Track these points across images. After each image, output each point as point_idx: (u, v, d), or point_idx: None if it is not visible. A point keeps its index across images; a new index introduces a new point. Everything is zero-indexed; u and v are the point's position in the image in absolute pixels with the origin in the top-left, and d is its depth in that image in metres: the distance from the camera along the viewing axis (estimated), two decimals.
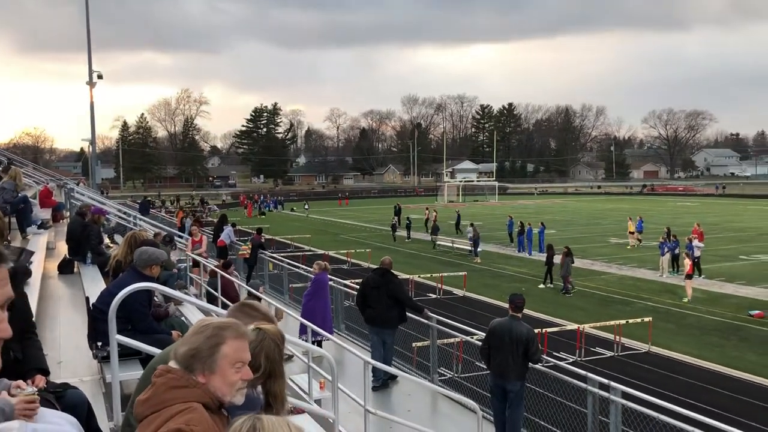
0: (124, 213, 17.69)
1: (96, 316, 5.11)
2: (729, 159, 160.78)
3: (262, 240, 21.61)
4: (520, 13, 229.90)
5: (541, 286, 24.37)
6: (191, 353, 2.12)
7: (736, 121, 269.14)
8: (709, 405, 11.71)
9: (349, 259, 30.25)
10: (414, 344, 12.17)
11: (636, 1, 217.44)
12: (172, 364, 2.19)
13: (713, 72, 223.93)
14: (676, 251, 26.48)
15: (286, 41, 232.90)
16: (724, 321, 18.94)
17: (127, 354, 4.76)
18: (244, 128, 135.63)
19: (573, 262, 23.64)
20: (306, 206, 69.63)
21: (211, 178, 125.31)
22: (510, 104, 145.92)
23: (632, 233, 35.60)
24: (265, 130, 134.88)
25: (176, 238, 16.29)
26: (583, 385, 7.53)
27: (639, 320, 17.14)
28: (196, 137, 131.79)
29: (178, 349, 2.18)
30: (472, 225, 33.68)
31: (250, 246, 19.85)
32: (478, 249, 32.01)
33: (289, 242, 37.20)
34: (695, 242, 25.70)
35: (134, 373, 4.63)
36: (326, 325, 10.63)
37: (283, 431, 1.82)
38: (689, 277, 21.83)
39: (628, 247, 34.65)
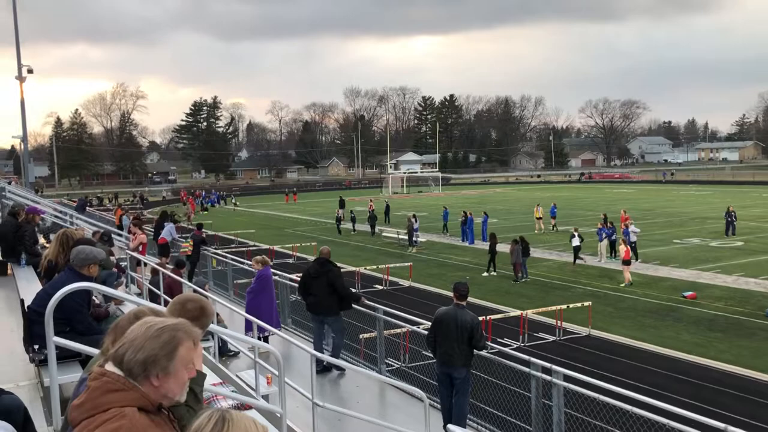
0: (60, 212, 17.15)
1: (32, 318, 4.96)
2: (662, 146, 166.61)
3: (204, 236, 21.26)
4: (460, 4, 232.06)
5: (485, 274, 24.78)
6: (149, 360, 2.01)
7: (669, 110, 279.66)
8: (648, 384, 12.16)
9: (294, 253, 30.07)
10: (361, 336, 12.22)
11: None
12: (109, 366, 2.09)
13: (647, 62, 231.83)
14: (613, 237, 27.32)
15: (225, 33, 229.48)
16: (659, 303, 19.65)
17: (66, 356, 4.64)
18: (183, 123, 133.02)
19: (527, 253, 24.05)
20: (234, 201, 68.95)
21: (150, 175, 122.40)
22: (451, 96, 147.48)
23: (539, 218, 37.37)
24: (205, 124, 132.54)
25: (114, 236, 15.90)
26: (527, 369, 7.71)
27: (579, 305, 17.61)
28: (134, 133, 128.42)
29: (126, 353, 2.04)
30: (414, 216, 33.92)
31: (192, 243, 19.48)
32: (415, 239, 32.29)
33: (232, 238, 36.74)
34: (631, 227, 26.58)
35: (74, 375, 4.52)
36: (273, 320, 10.59)
37: (251, 428, 1.82)
38: (626, 263, 22.47)
39: (535, 231, 36.00)
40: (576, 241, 26.52)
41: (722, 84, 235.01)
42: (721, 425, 5.60)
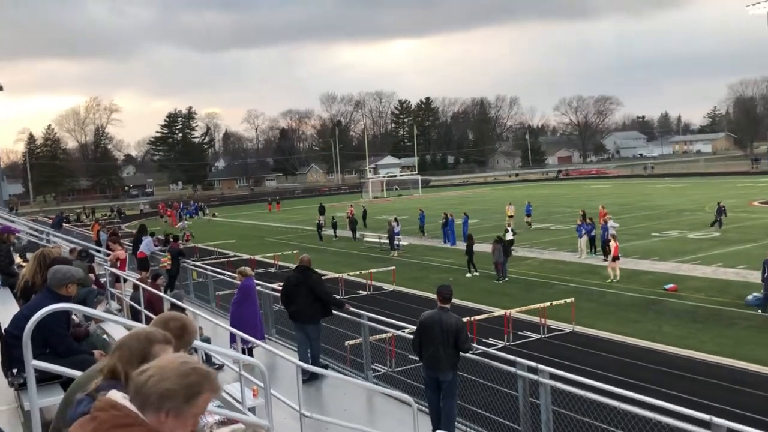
0: (36, 230, 16.90)
1: (9, 341, 4.86)
2: (637, 141, 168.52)
3: (181, 247, 21.06)
4: (433, 7, 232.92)
5: (468, 275, 24.84)
6: (169, 394, 1.95)
7: (642, 105, 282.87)
8: (633, 378, 12.25)
9: (276, 262, 29.93)
10: (347, 343, 12.17)
11: None
12: (116, 395, 2.01)
13: (618, 58, 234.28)
14: (593, 233, 27.55)
15: (198, 44, 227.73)
16: (641, 297, 19.83)
17: (46, 379, 4.55)
18: (158, 134, 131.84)
19: (509, 253, 24.12)
20: (210, 213, 68.63)
21: (127, 188, 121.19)
22: (427, 98, 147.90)
23: (511, 217, 37.76)
24: (180, 135, 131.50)
25: (93, 252, 15.69)
26: (513, 369, 7.72)
27: (562, 302, 17.71)
28: (109, 146, 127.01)
29: (150, 379, 1.97)
30: (396, 220, 33.96)
31: (170, 256, 19.25)
32: (397, 243, 32.30)
33: (212, 249, 36.46)
34: (610, 222, 26.81)
35: (55, 398, 4.43)
36: (257, 331, 10.51)
37: None
38: (615, 259, 22.57)
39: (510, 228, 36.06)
40: (509, 236, 27.51)
41: (693, 77, 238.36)
42: (705, 417, 5.64)
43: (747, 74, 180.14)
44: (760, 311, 17.01)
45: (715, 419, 5.50)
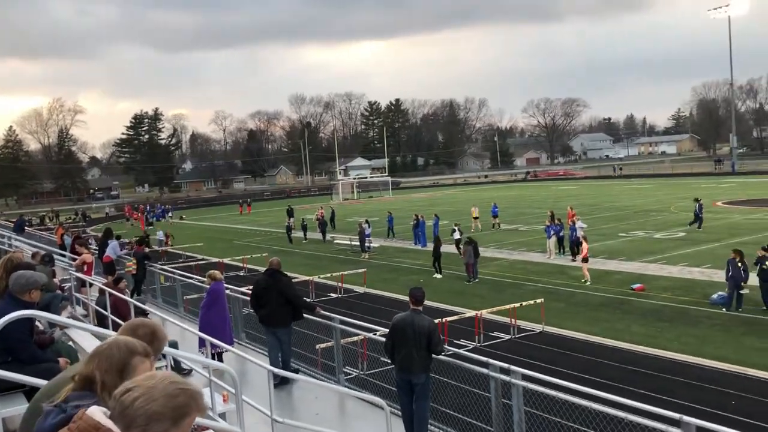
0: None
1: None
2: (603, 142, 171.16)
3: (146, 251, 20.71)
4: (403, 9, 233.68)
5: (438, 276, 24.89)
6: (156, 416, 1.87)
7: (608, 106, 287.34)
8: (603, 378, 12.38)
9: (245, 265, 29.66)
10: (318, 346, 12.09)
11: None
12: (96, 413, 1.90)
13: (585, 60, 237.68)
14: (561, 234, 27.84)
15: (164, 44, 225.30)
16: (609, 296, 20.08)
17: (8, 388, 4.42)
18: (124, 136, 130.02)
19: (478, 254, 24.18)
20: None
21: (92, 191, 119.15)
22: (397, 100, 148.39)
23: (476, 218, 38.57)
24: (147, 136, 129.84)
25: (57, 256, 15.37)
26: (485, 371, 7.73)
27: (532, 302, 17.83)
28: (73, 148, 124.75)
29: (138, 400, 1.88)
30: (366, 222, 33.94)
31: (135, 260, 18.88)
32: (368, 245, 32.25)
33: (180, 252, 36.03)
34: (578, 223, 27.11)
35: (18, 407, 4.30)
36: (226, 335, 10.37)
37: None
38: (585, 260, 22.67)
39: (472, 231, 36.60)
40: (456, 235, 28.84)
41: (658, 79, 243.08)
42: (675, 415, 5.70)
43: (710, 77, 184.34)
44: (724, 310, 17.34)
45: (686, 418, 5.56)
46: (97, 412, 1.94)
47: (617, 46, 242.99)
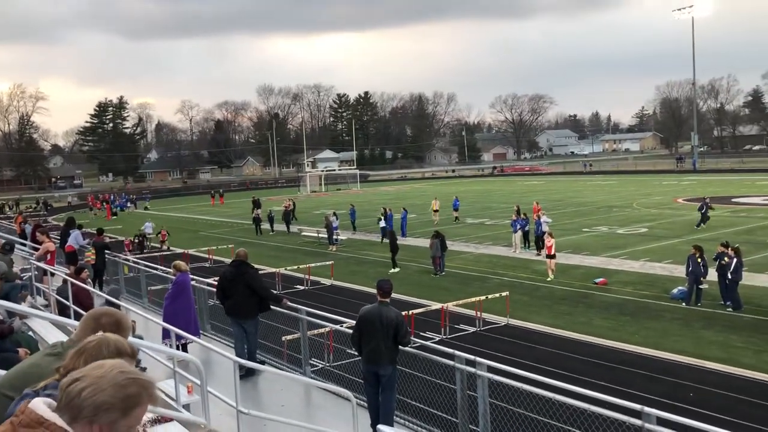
0: None
1: None
2: (568, 139, 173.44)
3: (106, 241, 20.34)
4: (373, 2, 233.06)
5: (397, 269, 24.75)
6: (105, 407, 1.80)
7: (574, 103, 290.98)
8: (566, 370, 12.56)
9: (210, 257, 29.37)
10: (284, 338, 12.04)
11: None
12: (40, 407, 1.83)
13: (552, 57, 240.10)
14: (527, 228, 28.15)
15: (131, 31, 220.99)
16: (572, 290, 20.37)
17: None
18: (88, 124, 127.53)
19: (445, 247, 24.23)
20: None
21: (54, 179, 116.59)
22: (366, 93, 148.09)
23: (436, 211, 39.32)
24: (111, 125, 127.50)
25: (18, 245, 15.03)
26: (451, 362, 7.78)
27: (497, 295, 17.98)
28: (34, 136, 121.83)
29: (85, 390, 1.81)
30: (334, 214, 33.86)
31: (94, 250, 18.52)
32: (335, 238, 32.18)
33: (145, 242, 35.50)
34: (543, 218, 27.43)
35: None
36: (191, 327, 10.27)
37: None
38: (550, 256, 22.41)
39: (434, 220, 37.92)
40: (381, 223, 31.28)
41: (623, 78, 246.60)
42: (637, 407, 5.82)
43: (673, 76, 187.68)
44: (684, 304, 17.73)
45: (647, 409, 5.68)
46: (41, 405, 1.87)
47: (584, 44, 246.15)
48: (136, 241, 31.52)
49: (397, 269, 24.81)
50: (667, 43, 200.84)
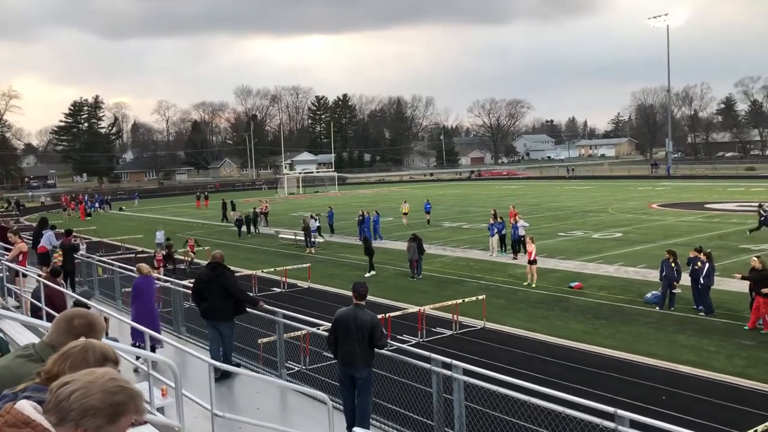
0: None
1: None
2: (545, 144, 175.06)
3: (73, 242, 20.04)
4: (353, 4, 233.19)
5: (372, 273, 24.74)
6: (92, 411, 1.81)
7: (551, 109, 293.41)
8: (541, 373, 12.66)
9: (186, 259, 29.10)
10: (260, 340, 11.97)
11: None
12: (26, 407, 1.83)
13: (530, 63, 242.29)
14: (503, 232, 28.32)
15: (108, 30, 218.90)
16: (548, 294, 20.52)
17: None
18: (62, 124, 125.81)
19: (423, 250, 24.25)
20: (136, 203, 66.27)
21: (27, 179, 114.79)
22: (345, 95, 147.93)
23: (405, 214, 39.97)
24: (86, 125, 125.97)
25: None
26: (427, 366, 7.80)
27: (474, 298, 18.05)
28: (7, 135, 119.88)
29: (74, 393, 1.82)
30: (312, 216, 33.79)
31: (62, 252, 18.20)
32: (313, 240, 32.08)
33: (119, 243, 35.12)
34: (520, 222, 27.62)
35: None
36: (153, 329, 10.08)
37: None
38: (532, 262, 22.02)
39: (405, 224, 38.69)
40: (315, 223, 33.17)
41: (600, 84, 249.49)
42: (610, 409, 5.88)
43: (648, 83, 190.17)
44: (657, 308, 17.95)
45: (620, 411, 5.74)
46: (27, 406, 1.87)
47: (561, 50, 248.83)
48: (164, 253, 27.80)
49: (373, 272, 24.81)
50: (642, 50, 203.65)
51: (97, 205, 66.54)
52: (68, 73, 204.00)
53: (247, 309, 10.54)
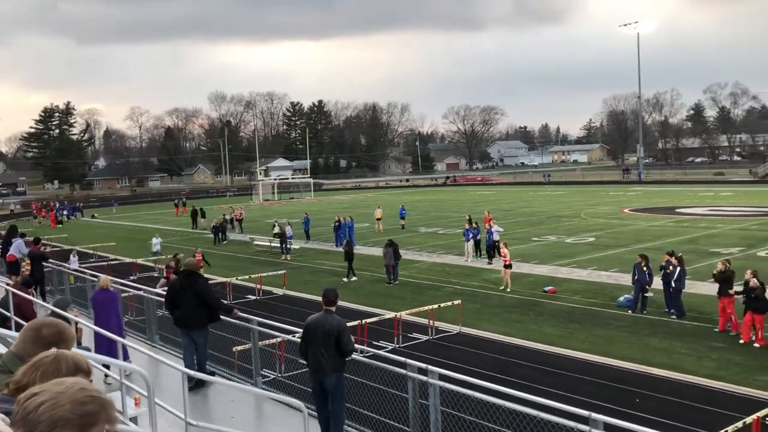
0: None
1: None
2: (519, 150, 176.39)
3: (42, 250, 19.71)
4: (328, 11, 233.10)
5: (353, 278, 24.78)
6: (62, 423, 1.77)
7: (524, 115, 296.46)
8: (516, 377, 12.73)
9: (159, 266, 28.79)
10: (235, 348, 11.88)
11: (438, 3, 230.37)
12: None
13: (504, 69, 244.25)
14: (478, 237, 28.48)
15: (80, 36, 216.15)
16: (522, 298, 20.67)
17: None
18: (33, 130, 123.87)
19: (399, 256, 24.25)
20: (115, 210, 65.32)
21: None
22: (320, 101, 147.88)
23: (379, 219, 40.26)
24: (57, 131, 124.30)
25: None
26: (403, 371, 7.80)
27: (450, 303, 18.10)
28: None
29: (44, 404, 1.78)
30: (288, 223, 33.68)
31: (29, 261, 17.87)
32: (288, 247, 31.91)
33: (91, 252, 34.63)
34: (495, 227, 27.80)
35: None
36: (112, 345, 9.77)
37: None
38: (507, 266, 22.24)
39: (377, 230, 39.11)
40: (276, 229, 33.72)
41: (572, 90, 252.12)
42: (585, 413, 5.93)
43: (619, 90, 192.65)
44: (630, 312, 18.17)
45: (594, 415, 5.80)
46: None
47: (535, 57, 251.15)
48: (172, 264, 25.64)
49: (354, 278, 24.80)
50: (613, 57, 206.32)
51: (65, 213, 65.55)
52: (39, 78, 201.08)
53: (222, 317, 10.45)
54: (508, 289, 21.75)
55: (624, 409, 10.85)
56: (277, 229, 33.86)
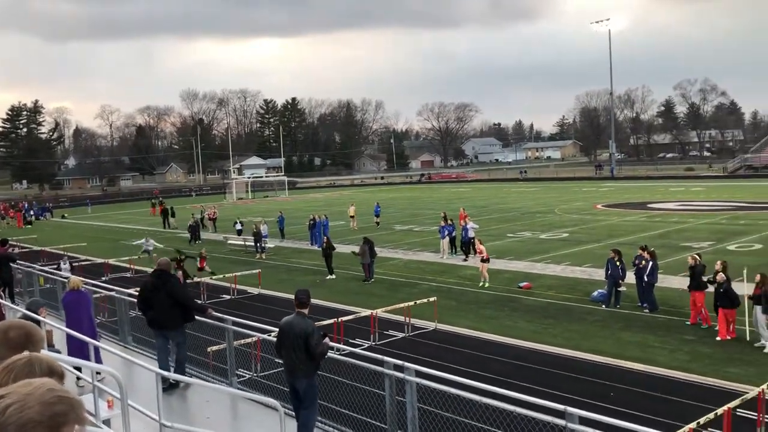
0: None
1: None
2: (493, 147, 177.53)
3: (9, 251, 19.32)
4: (302, 8, 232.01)
5: (330, 277, 24.76)
6: (30, 425, 1.72)
7: (498, 112, 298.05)
8: (492, 373, 12.79)
9: (132, 266, 28.45)
10: (209, 348, 11.77)
11: (412, 1, 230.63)
12: None
13: (477, 66, 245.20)
14: (454, 234, 28.58)
15: (47, 33, 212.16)
16: (497, 294, 20.78)
17: None
18: (0, 129, 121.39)
19: (374, 254, 24.22)
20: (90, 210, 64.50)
21: None
22: (294, 99, 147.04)
23: (352, 217, 40.52)
24: (25, 130, 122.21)
25: None
26: (380, 369, 7.78)
27: (426, 300, 18.15)
28: None
29: (11, 407, 1.73)
30: (263, 222, 33.49)
31: None
32: (263, 246, 31.68)
33: (62, 252, 34.06)
34: (470, 224, 27.92)
35: None
36: (84, 347, 9.58)
37: None
38: (485, 261, 22.40)
39: (352, 227, 39.38)
40: (239, 226, 36.04)
41: (545, 87, 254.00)
42: (560, 407, 5.97)
43: (592, 86, 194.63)
44: (603, 306, 18.37)
45: (569, 409, 5.83)
46: None
47: (508, 54, 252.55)
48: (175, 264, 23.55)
49: (332, 276, 24.74)
50: (586, 54, 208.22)
51: (33, 213, 64.35)
52: (6, 76, 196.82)
53: (196, 317, 10.34)
54: (487, 284, 21.88)
55: (599, 403, 10.96)
56: (239, 226, 34.67)
